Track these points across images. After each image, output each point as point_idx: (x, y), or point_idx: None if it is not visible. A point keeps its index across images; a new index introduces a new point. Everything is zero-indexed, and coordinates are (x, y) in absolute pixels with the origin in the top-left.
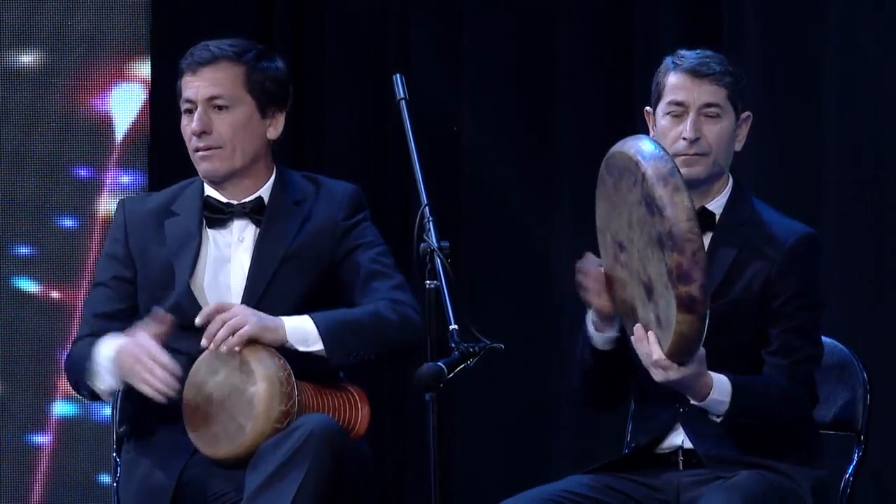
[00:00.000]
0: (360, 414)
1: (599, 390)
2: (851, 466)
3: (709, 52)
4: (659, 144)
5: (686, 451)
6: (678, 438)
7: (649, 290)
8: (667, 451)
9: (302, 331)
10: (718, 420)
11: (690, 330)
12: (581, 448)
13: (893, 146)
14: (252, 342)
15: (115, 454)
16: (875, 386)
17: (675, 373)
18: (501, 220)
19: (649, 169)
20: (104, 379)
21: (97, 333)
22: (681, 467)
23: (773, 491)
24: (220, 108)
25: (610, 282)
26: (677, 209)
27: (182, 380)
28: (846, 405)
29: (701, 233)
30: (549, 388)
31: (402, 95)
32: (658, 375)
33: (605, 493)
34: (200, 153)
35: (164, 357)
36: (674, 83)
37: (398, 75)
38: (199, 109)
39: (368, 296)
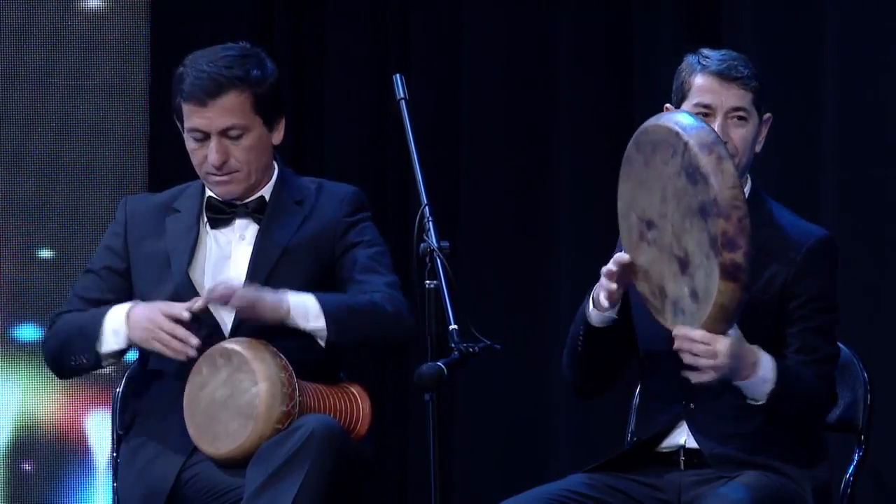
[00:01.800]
0: (361, 414)
1: (584, 372)
2: (851, 466)
3: (734, 53)
4: (697, 117)
5: (688, 451)
6: (680, 437)
7: (684, 264)
8: (668, 450)
9: (304, 306)
10: (758, 404)
11: (731, 300)
12: (581, 447)
13: (893, 146)
14: (254, 342)
15: (114, 453)
16: (876, 386)
17: (722, 344)
18: (501, 221)
19: (692, 139)
20: (108, 341)
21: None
22: (682, 467)
23: (774, 492)
24: (234, 137)
25: (632, 272)
26: (723, 177)
27: (183, 378)
28: (846, 405)
29: (746, 200)
30: (549, 388)
31: (402, 95)
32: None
33: (605, 492)
34: (216, 178)
35: (184, 314)
36: (701, 84)
37: (398, 75)
38: (214, 140)
39: (361, 288)
